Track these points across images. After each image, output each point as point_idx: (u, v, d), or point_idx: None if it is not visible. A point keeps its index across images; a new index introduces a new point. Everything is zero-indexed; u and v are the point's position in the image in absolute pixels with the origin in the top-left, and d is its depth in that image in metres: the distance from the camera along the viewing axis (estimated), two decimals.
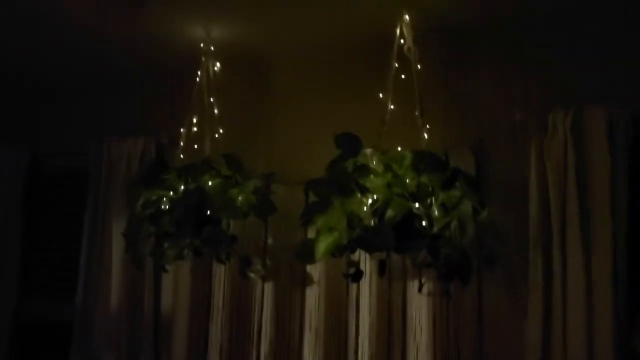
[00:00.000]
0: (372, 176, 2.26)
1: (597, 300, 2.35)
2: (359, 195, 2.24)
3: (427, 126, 2.45)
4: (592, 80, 2.55)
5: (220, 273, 3.11)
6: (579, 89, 2.54)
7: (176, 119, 3.28)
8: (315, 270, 2.93)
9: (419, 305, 2.70)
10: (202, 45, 2.96)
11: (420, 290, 2.54)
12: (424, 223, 2.22)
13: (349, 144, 2.35)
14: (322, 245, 2.26)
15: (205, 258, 2.89)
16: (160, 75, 3.41)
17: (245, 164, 2.84)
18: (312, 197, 2.91)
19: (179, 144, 3.04)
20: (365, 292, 2.81)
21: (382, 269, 2.26)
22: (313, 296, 2.93)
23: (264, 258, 2.98)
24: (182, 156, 2.94)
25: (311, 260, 2.29)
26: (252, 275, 2.83)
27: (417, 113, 2.49)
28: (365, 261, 2.72)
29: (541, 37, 2.69)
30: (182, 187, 2.69)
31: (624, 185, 2.38)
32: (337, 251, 2.28)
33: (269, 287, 3.01)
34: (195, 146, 2.97)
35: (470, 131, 2.70)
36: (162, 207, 2.71)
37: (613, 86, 2.50)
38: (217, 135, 2.96)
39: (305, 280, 2.95)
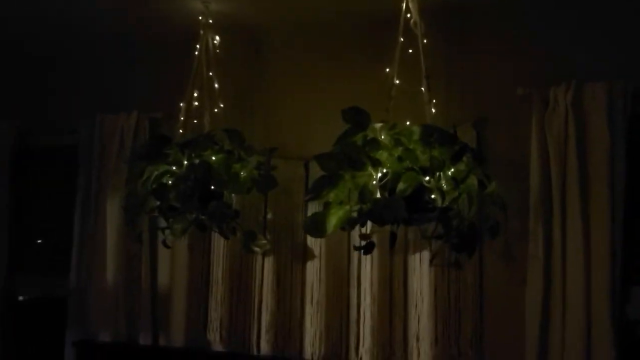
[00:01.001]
0: (382, 150, 2.28)
1: (595, 269, 2.43)
2: (370, 169, 2.26)
3: (434, 101, 2.47)
4: (594, 56, 2.60)
5: (219, 247, 3.11)
6: (580, 65, 2.59)
7: (170, 94, 3.25)
8: (315, 243, 2.96)
9: (420, 276, 2.75)
10: (200, 18, 2.92)
11: (432, 262, 2.58)
12: (433, 196, 2.25)
13: (358, 118, 2.36)
14: (334, 219, 2.28)
15: (207, 232, 2.89)
16: (154, 49, 3.36)
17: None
18: (312, 172, 2.96)
19: (175, 119, 3.02)
20: (367, 264, 2.85)
21: (392, 241, 2.29)
22: (314, 269, 2.96)
23: (264, 232, 2.99)
24: (181, 131, 2.91)
25: (322, 233, 2.31)
26: (256, 249, 2.84)
27: (422, 88, 2.51)
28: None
29: (543, 13, 2.72)
30: (185, 162, 2.66)
31: (622, 159, 2.45)
32: (348, 224, 2.30)
33: (269, 260, 3.02)
34: (195, 121, 2.94)
35: (473, 107, 2.74)
36: (164, 181, 2.70)
37: (614, 62, 2.56)
38: (216, 110, 2.94)
39: (306, 254, 2.98)
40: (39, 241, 3.59)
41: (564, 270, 2.48)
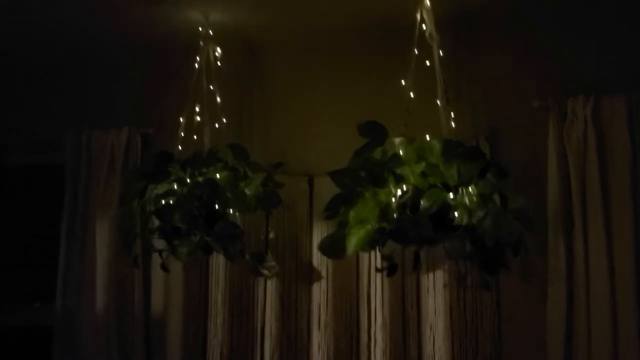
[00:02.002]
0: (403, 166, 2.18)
1: (620, 283, 2.37)
2: (391, 186, 2.16)
3: (452, 114, 2.39)
4: (610, 66, 2.56)
5: (218, 268, 2.95)
6: (596, 76, 2.55)
7: (161, 108, 3.12)
8: (322, 263, 2.83)
9: (435, 295, 2.66)
10: (200, 29, 2.79)
11: (460, 283, 2.48)
12: (456, 214, 2.16)
13: (375, 132, 2.26)
14: (354, 239, 2.17)
15: (212, 255, 2.73)
16: (143, 61, 3.21)
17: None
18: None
19: (169, 134, 2.88)
20: (377, 284, 2.74)
21: (416, 262, 2.19)
22: (320, 290, 2.83)
23: (266, 252, 2.85)
24: (180, 147, 2.76)
25: (341, 254, 2.20)
26: (265, 272, 2.69)
27: (438, 101, 2.43)
28: (376, 255, 2.65)
29: (559, 23, 2.67)
30: (189, 180, 2.51)
31: None
32: (369, 244, 2.19)
33: (272, 282, 2.88)
34: (195, 137, 2.79)
35: (486, 119, 2.67)
36: (163, 201, 2.54)
37: (631, 72, 2.52)
38: (217, 125, 2.79)
39: (312, 274, 2.85)
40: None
41: (587, 285, 2.41)
